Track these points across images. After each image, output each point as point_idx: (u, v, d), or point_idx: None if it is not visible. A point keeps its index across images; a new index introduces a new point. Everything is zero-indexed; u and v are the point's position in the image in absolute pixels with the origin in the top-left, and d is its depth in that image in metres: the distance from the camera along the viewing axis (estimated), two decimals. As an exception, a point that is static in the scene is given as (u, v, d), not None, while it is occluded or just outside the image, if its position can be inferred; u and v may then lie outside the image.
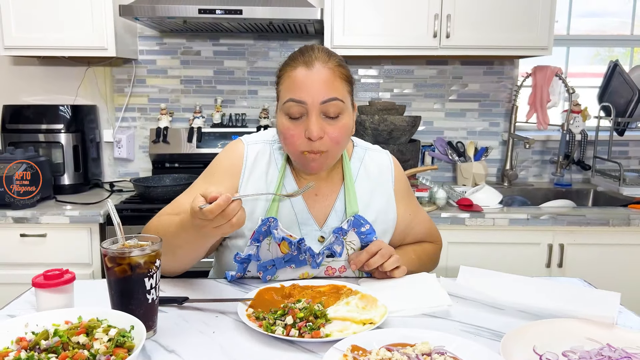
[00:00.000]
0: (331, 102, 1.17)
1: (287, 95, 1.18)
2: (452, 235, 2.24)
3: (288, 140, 1.21)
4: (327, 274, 1.31)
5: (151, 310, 0.97)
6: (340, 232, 1.27)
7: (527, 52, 2.51)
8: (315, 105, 1.16)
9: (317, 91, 1.16)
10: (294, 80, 1.18)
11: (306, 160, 1.21)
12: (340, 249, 1.27)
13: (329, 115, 1.18)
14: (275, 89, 1.27)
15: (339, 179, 1.35)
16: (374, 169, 1.39)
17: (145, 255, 0.94)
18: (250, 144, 1.34)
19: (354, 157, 1.39)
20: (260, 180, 1.30)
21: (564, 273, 2.26)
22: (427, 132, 2.91)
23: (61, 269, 1.00)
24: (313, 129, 1.16)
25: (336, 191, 1.34)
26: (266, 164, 1.32)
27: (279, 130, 1.23)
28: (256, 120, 2.85)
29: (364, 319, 1.02)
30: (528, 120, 2.81)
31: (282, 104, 1.20)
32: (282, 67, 1.24)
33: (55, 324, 0.88)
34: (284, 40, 2.82)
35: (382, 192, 1.38)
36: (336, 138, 1.20)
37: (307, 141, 1.18)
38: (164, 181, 2.53)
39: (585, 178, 2.96)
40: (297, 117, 1.18)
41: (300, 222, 1.31)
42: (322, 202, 1.33)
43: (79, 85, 2.82)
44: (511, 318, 1.09)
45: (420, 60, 2.85)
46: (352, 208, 1.31)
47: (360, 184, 1.36)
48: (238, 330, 1.02)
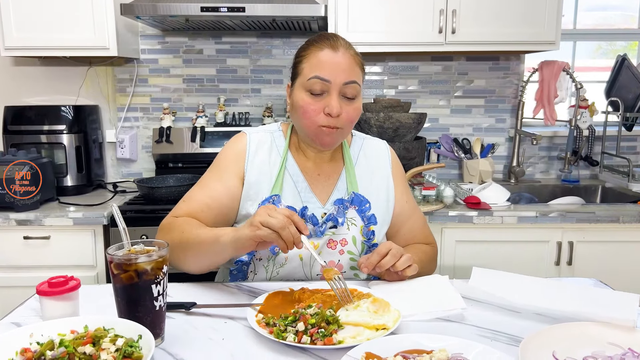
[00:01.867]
0: (351, 84, 1.28)
1: (313, 72, 1.27)
2: (460, 233, 2.21)
3: (308, 114, 1.28)
4: (329, 247, 1.34)
5: (159, 317, 0.94)
6: (341, 205, 1.36)
7: (534, 47, 2.48)
8: (337, 85, 1.26)
9: (341, 73, 1.26)
10: (320, 59, 1.27)
11: (322, 134, 1.29)
12: (342, 219, 1.35)
13: (347, 96, 1.29)
14: (294, 67, 1.34)
15: (340, 163, 1.44)
16: (373, 154, 1.48)
17: (152, 262, 0.91)
18: (252, 132, 1.43)
19: (353, 145, 1.48)
20: (264, 164, 1.37)
21: (573, 271, 2.23)
22: (432, 129, 2.88)
23: (65, 276, 0.98)
24: (334, 106, 1.26)
25: (338, 172, 1.43)
26: (268, 149, 1.39)
27: (297, 104, 1.30)
28: (259, 119, 2.83)
29: (377, 325, 0.99)
30: (535, 116, 2.78)
31: (306, 80, 1.27)
32: (306, 47, 1.32)
33: (60, 334, 0.85)
34: (287, 38, 2.79)
35: (381, 174, 1.46)
36: (350, 117, 1.30)
37: (326, 117, 1.27)
38: (168, 181, 2.50)
39: (593, 174, 2.92)
40: (318, 94, 1.27)
41: (304, 200, 1.37)
42: (325, 181, 1.41)
43: (80, 86, 2.80)
44: (528, 322, 1.06)
45: (425, 56, 2.82)
46: (353, 188, 1.40)
47: (360, 168, 1.44)
48: (248, 336, 0.99)
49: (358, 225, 1.37)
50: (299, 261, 1.32)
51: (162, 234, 1.29)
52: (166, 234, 1.26)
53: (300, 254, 1.32)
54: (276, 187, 1.35)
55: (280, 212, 1.07)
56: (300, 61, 1.32)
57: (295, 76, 1.33)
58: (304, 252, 1.32)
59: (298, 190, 1.37)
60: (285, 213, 1.07)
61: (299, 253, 1.31)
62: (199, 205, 1.32)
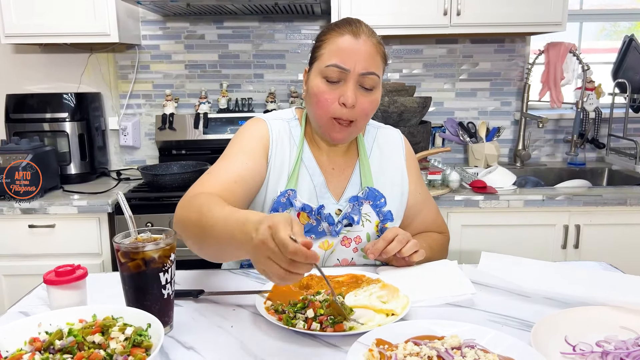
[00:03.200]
0: (370, 75, 1.21)
1: (332, 59, 1.20)
2: (466, 218, 2.20)
3: (321, 103, 1.22)
4: (343, 245, 1.32)
5: (167, 305, 0.94)
6: (356, 202, 1.31)
7: (540, 28, 2.44)
8: (355, 74, 1.20)
9: (360, 62, 1.19)
10: (339, 45, 1.20)
11: (333, 128, 1.24)
12: (357, 217, 1.30)
13: (364, 86, 1.22)
14: (313, 51, 1.27)
15: (354, 155, 1.39)
16: (386, 145, 1.43)
17: (160, 250, 0.90)
18: (271, 120, 1.34)
19: (367, 135, 1.43)
20: (285, 156, 1.31)
21: (580, 254, 2.22)
22: (437, 113, 2.86)
23: (72, 265, 0.97)
24: (349, 96, 1.19)
25: (352, 166, 1.37)
26: (287, 140, 1.33)
27: (312, 91, 1.24)
28: (263, 105, 2.80)
29: (386, 309, 0.99)
30: (541, 99, 2.75)
31: (323, 67, 1.21)
32: (327, 31, 1.25)
33: (69, 323, 0.85)
34: (290, 22, 2.76)
35: (395, 166, 1.41)
36: (366, 110, 1.23)
37: (339, 107, 1.21)
38: (172, 169, 2.49)
39: (599, 157, 2.90)
40: (334, 82, 1.21)
41: (319, 195, 1.33)
42: (339, 175, 1.36)
43: (82, 73, 2.77)
44: (539, 306, 1.05)
45: (429, 39, 2.78)
46: (367, 182, 1.35)
47: (374, 160, 1.39)
48: (257, 323, 0.98)
49: (373, 221, 1.33)
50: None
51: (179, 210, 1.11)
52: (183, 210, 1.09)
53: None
54: (292, 181, 1.29)
55: (282, 260, 0.78)
56: (319, 46, 1.25)
57: (313, 61, 1.27)
58: (317, 250, 1.29)
59: (314, 184, 1.32)
60: (287, 256, 0.77)
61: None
62: (232, 176, 1.19)
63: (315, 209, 1.27)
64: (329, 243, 1.30)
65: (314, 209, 1.27)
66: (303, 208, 1.27)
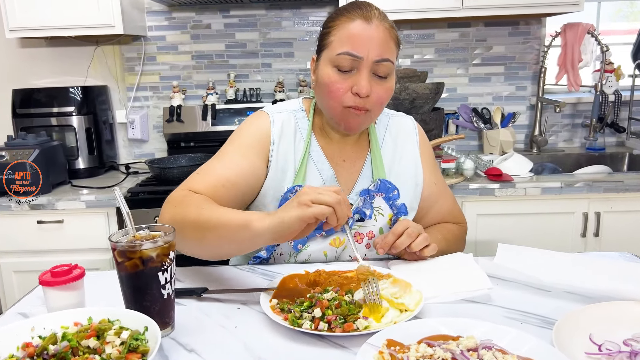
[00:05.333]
0: (384, 62, 1.14)
1: (343, 47, 1.13)
2: (481, 207, 2.13)
3: (333, 93, 1.15)
4: (355, 241, 1.25)
5: (167, 305, 0.89)
6: (367, 195, 1.25)
7: (557, 8, 2.35)
8: (369, 62, 1.13)
9: (373, 48, 1.12)
10: (351, 32, 1.13)
11: (348, 116, 1.17)
12: (369, 212, 1.25)
13: (378, 74, 1.15)
14: (321, 38, 1.20)
15: (365, 145, 1.32)
16: (399, 134, 1.36)
17: (158, 248, 0.86)
18: (274, 112, 1.28)
19: (379, 124, 1.36)
20: (289, 150, 1.25)
21: (600, 243, 2.15)
22: (450, 99, 2.78)
23: (70, 264, 0.93)
24: (364, 85, 1.12)
25: (363, 157, 1.31)
26: (293, 133, 1.26)
27: (322, 81, 1.17)
28: (271, 95, 2.75)
29: (398, 304, 0.94)
30: (557, 83, 2.66)
31: (334, 55, 1.14)
32: (336, 16, 1.18)
33: (63, 327, 0.81)
34: (297, 9, 2.69)
35: (409, 156, 1.34)
36: (381, 98, 1.17)
37: (353, 97, 1.14)
38: (180, 161, 2.45)
39: (619, 141, 2.81)
40: (347, 71, 1.14)
41: None
42: (350, 168, 1.30)
43: (88, 66, 2.74)
44: (560, 301, 0.99)
45: (441, 23, 2.70)
46: (379, 174, 1.28)
47: (386, 150, 1.33)
48: (262, 323, 0.94)
49: (386, 214, 1.27)
50: (323, 258, 1.25)
51: (171, 207, 1.12)
52: (177, 208, 1.10)
53: (325, 250, 1.24)
54: (299, 177, 1.23)
55: (329, 189, 0.96)
56: (328, 32, 1.17)
57: (322, 49, 1.18)
58: (328, 248, 1.24)
59: (323, 179, 1.26)
60: (334, 189, 0.96)
61: (324, 250, 1.24)
62: (218, 179, 1.16)
63: None
64: (340, 240, 1.25)
65: None
66: None
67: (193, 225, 1.05)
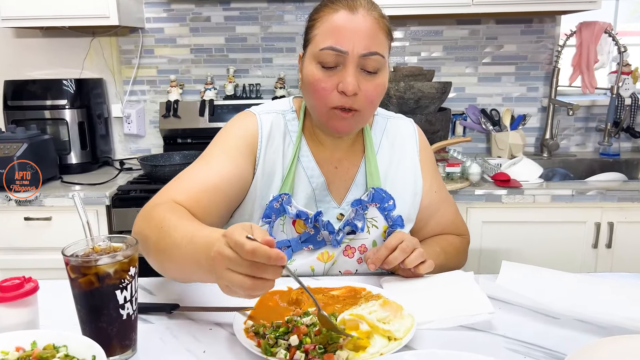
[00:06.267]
0: (372, 56, 1.04)
1: (326, 41, 1.03)
2: (487, 213, 2.03)
3: (318, 93, 1.06)
4: (345, 255, 1.17)
5: (127, 327, 0.80)
6: (359, 206, 1.15)
7: (573, 6, 2.23)
8: (354, 56, 1.03)
9: (359, 41, 1.02)
10: (334, 24, 1.04)
11: (334, 118, 1.07)
12: (361, 224, 1.15)
13: (367, 69, 1.05)
14: (306, 32, 1.11)
15: (360, 150, 1.22)
16: (398, 138, 1.26)
17: (116, 263, 0.77)
18: (262, 113, 1.18)
19: (375, 127, 1.25)
20: (278, 154, 1.15)
21: (613, 254, 2.03)
22: (458, 99, 2.66)
23: (23, 277, 0.84)
24: (349, 82, 1.02)
25: (357, 164, 1.21)
26: (282, 136, 1.17)
27: (306, 80, 1.08)
28: (271, 91, 2.65)
29: (385, 330, 0.84)
30: (571, 84, 2.54)
31: (318, 51, 1.04)
32: (320, 7, 1.09)
33: (4, 352, 0.72)
34: (300, 2, 2.59)
35: (407, 163, 1.24)
36: (371, 96, 1.07)
37: (340, 95, 1.04)
38: (174, 159, 2.36)
39: (635, 147, 2.68)
40: (331, 67, 1.04)
41: (318, 199, 1.17)
42: (342, 175, 1.20)
43: (84, 58, 2.66)
44: (570, 331, 0.88)
45: (450, 19, 2.59)
46: (374, 181, 1.19)
47: (383, 156, 1.23)
48: (233, 348, 0.84)
49: (380, 226, 1.17)
50: (310, 272, 1.15)
51: (139, 220, 1.01)
52: (143, 223, 0.99)
53: (312, 265, 1.14)
54: (286, 184, 1.13)
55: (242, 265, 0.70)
56: (312, 25, 1.08)
57: (307, 44, 1.10)
58: (315, 263, 1.14)
59: (312, 187, 1.16)
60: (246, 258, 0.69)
61: (311, 264, 1.14)
62: (201, 183, 1.06)
63: (312, 216, 1.12)
64: (329, 254, 1.15)
65: (311, 216, 1.12)
66: (298, 215, 1.11)
67: (154, 248, 0.93)
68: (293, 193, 1.14)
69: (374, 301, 0.93)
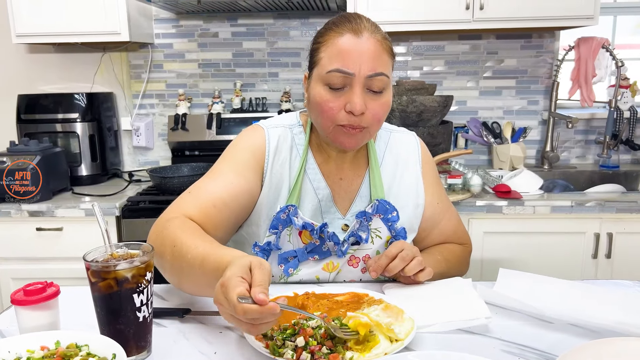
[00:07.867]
0: (378, 76, 1.08)
1: (333, 64, 1.08)
2: (488, 224, 2.07)
3: (326, 113, 1.10)
4: (350, 265, 1.21)
5: (143, 329, 0.85)
6: (364, 217, 1.18)
7: (571, 22, 2.28)
8: (361, 78, 1.07)
9: (365, 63, 1.07)
10: (340, 47, 1.08)
11: (342, 135, 1.11)
12: (365, 235, 1.19)
13: (373, 89, 1.09)
14: (311, 55, 1.15)
15: (364, 163, 1.26)
16: (400, 151, 1.29)
17: (134, 268, 0.82)
18: (270, 127, 1.22)
19: (379, 140, 1.29)
20: (284, 167, 1.19)
21: (612, 265, 2.07)
22: (459, 112, 2.72)
23: (44, 282, 0.89)
24: (357, 102, 1.07)
25: (361, 175, 1.25)
26: (288, 150, 1.21)
27: (314, 100, 1.12)
28: (277, 105, 2.71)
29: (388, 329, 0.88)
30: (570, 98, 2.59)
31: (324, 73, 1.09)
32: (324, 31, 1.13)
33: (30, 350, 0.77)
34: (305, 19, 2.66)
35: (410, 176, 1.28)
36: (377, 114, 1.11)
37: (347, 115, 1.09)
38: (182, 171, 2.42)
39: (634, 159, 2.72)
40: (338, 88, 1.08)
41: (324, 210, 1.21)
42: (347, 187, 1.24)
43: (95, 72, 2.73)
44: (562, 334, 0.93)
45: (451, 35, 2.65)
46: (378, 193, 1.22)
47: (386, 168, 1.27)
48: (243, 349, 0.89)
49: (383, 236, 1.21)
50: (315, 281, 1.20)
51: (153, 234, 1.08)
52: (158, 237, 1.05)
53: (317, 274, 1.19)
54: (293, 196, 1.17)
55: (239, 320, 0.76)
56: (317, 48, 1.12)
57: (313, 66, 1.14)
58: (321, 273, 1.19)
59: (318, 198, 1.20)
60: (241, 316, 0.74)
61: (316, 274, 1.19)
62: (211, 198, 1.11)
63: (317, 228, 1.15)
64: (334, 265, 1.19)
65: (316, 227, 1.15)
66: (304, 226, 1.15)
67: (170, 265, 1.01)
68: (299, 204, 1.19)
69: (376, 305, 0.97)
